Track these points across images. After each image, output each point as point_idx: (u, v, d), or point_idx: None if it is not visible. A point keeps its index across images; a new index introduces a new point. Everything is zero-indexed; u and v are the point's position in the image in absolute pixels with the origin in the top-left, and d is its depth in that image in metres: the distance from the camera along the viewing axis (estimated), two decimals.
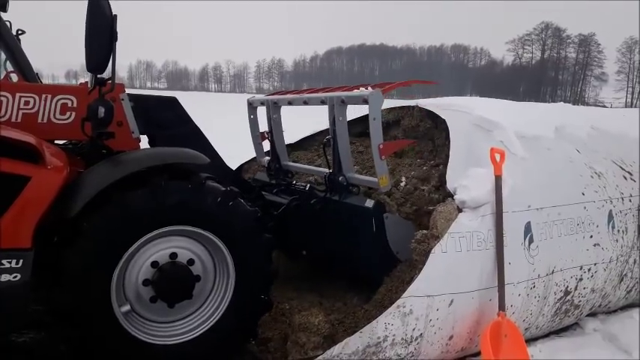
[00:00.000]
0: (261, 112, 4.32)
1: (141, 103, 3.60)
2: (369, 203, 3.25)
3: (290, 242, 3.85)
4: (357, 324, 3.09)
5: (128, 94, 3.52)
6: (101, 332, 2.67)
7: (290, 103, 3.94)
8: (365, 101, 3.16)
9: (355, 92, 3.35)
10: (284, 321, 3.40)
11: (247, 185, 4.15)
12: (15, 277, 2.47)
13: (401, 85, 3.50)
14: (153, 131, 3.64)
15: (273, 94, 4.36)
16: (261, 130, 4.40)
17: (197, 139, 3.72)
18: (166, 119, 3.68)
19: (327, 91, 3.71)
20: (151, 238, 2.78)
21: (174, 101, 3.77)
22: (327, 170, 3.61)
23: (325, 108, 3.50)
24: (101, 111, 2.83)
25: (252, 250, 2.98)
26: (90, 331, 2.64)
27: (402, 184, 3.50)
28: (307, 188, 3.76)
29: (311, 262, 3.96)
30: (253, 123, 4.44)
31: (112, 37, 2.72)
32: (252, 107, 4.42)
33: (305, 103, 3.77)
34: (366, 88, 3.32)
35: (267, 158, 4.34)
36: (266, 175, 4.36)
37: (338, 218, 3.48)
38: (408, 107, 4.21)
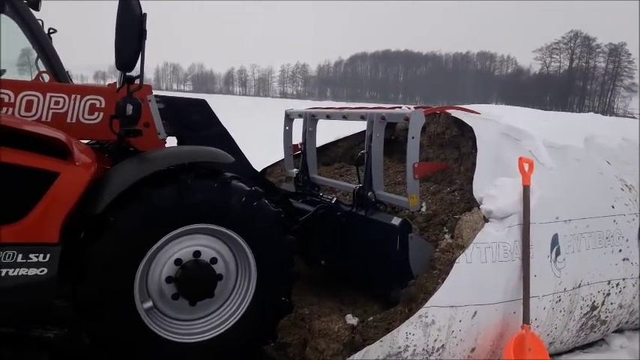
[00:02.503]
0: (297, 125, 4.36)
1: (171, 104, 3.65)
2: (396, 221, 3.23)
3: (311, 250, 3.85)
4: (378, 332, 3.05)
5: (158, 95, 3.58)
6: (123, 328, 2.69)
7: (328, 117, 3.98)
8: (406, 119, 3.20)
9: (397, 110, 3.43)
10: (303, 326, 3.38)
11: (272, 188, 4.16)
12: (42, 271, 2.51)
13: (440, 110, 3.68)
14: (182, 132, 3.68)
15: (312, 108, 4.40)
16: (294, 142, 4.44)
17: (225, 141, 3.75)
18: (195, 121, 3.73)
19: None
20: (175, 236, 2.80)
21: (203, 104, 3.81)
22: (354, 186, 3.61)
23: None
24: (129, 108, 2.86)
25: (274, 250, 2.99)
26: (112, 326, 2.67)
27: (423, 209, 3.47)
28: (334, 201, 3.77)
29: (329, 272, 3.94)
30: (287, 134, 4.48)
31: (142, 35, 2.75)
32: (289, 119, 4.46)
33: (344, 117, 3.81)
34: (409, 108, 3.39)
35: (296, 170, 4.36)
36: (293, 186, 4.38)
37: (362, 233, 3.47)
38: (434, 114, 4.16)
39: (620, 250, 3.47)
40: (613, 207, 3.51)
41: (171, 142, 3.67)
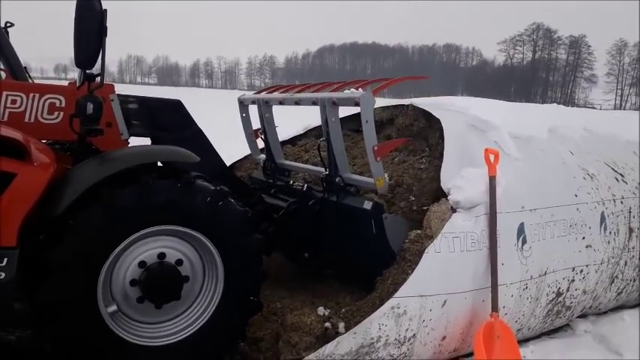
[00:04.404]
0: (253, 110, 4.29)
1: (145, 105, 3.57)
2: (367, 205, 3.23)
3: (291, 245, 3.82)
4: (350, 324, 3.07)
5: (132, 95, 3.49)
6: (86, 332, 2.62)
7: (281, 103, 3.92)
8: (356, 103, 3.13)
9: (346, 93, 3.34)
10: (276, 320, 3.37)
11: (246, 187, 4.10)
12: None
13: (392, 84, 3.43)
14: (156, 133, 3.60)
15: (262, 92, 4.33)
16: (254, 127, 4.37)
17: (200, 142, 3.68)
18: (170, 122, 3.64)
19: (318, 90, 3.68)
20: (138, 238, 2.73)
21: (178, 104, 3.73)
22: (322, 169, 3.59)
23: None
24: (90, 107, 2.77)
25: (241, 250, 2.94)
26: (75, 331, 2.59)
27: (386, 179, 3.48)
28: (305, 188, 3.74)
29: (313, 264, 3.92)
30: (246, 121, 4.41)
31: (102, 32, 2.67)
32: (243, 105, 4.38)
33: (296, 103, 3.75)
34: (357, 89, 3.30)
35: (263, 156, 4.30)
36: (262, 174, 4.33)
37: (337, 219, 3.46)
38: (402, 106, 4.19)
39: (584, 238, 3.57)
40: (576, 195, 3.61)
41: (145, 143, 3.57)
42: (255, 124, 4.33)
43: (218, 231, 2.87)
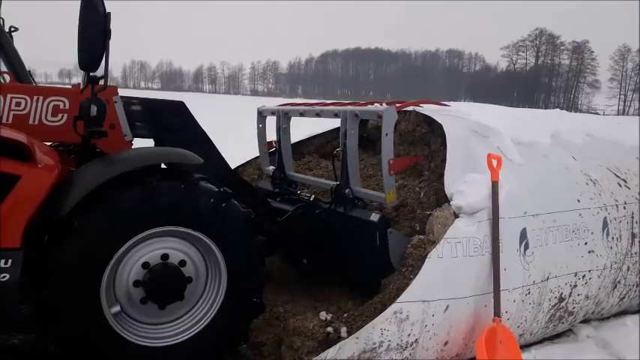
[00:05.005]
0: (270, 122, 4.34)
1: (148, 106, 3.58)
2: (374, 217, 3.27)
3: (292, 249, 3.84)
4: (352, 328, 3.07)
5: (135, 97, 3.51)
6: (90, 333, 2.64)
7: (302, 114, 3.97)
8: (379, 117, 3.20)
9: (370, 107, 3.43)
10: (278, 325, 3.38)
11: (251, 189, 4.11)
12: (4, 277, 2.45)
13: (414, 104, 3.64)
14: (160, 135, 3.62)
15: (284, 105, 4.37)
16: (268, 139, 4.41)
17: (203, 143, 3.70)
18: (174, 123, 3.66)
19: (339, 105, 3.75)
20: (142, 239, 2.75)
21: (181, 105, 3.75)
22: (331, 182, 3.63)
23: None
24: (93, 109, 2.80)
25: (244, 252, 2.96)
26: (79, 331, 2.61)
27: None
28: (312, 199, 3.77)
29: (309, 270, 3.94)
30: (261, 132, 4.45)
31: (106, 34, 2.70)
32: (261, 116, 4.42)
33: (317, 115, 3.80)
34: (380, 104, 3.39)
35: (272, 167, 4.34)
36: (270, 184, 4.36)
37: (342, 230, 3.48)
38: (405, 112, 4.20)
39: (586, 243, 3.56)
40: (578, 201, 3.61)
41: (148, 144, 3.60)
42: (270, 136, 4.37)
43: (221, 232, 2.89)
